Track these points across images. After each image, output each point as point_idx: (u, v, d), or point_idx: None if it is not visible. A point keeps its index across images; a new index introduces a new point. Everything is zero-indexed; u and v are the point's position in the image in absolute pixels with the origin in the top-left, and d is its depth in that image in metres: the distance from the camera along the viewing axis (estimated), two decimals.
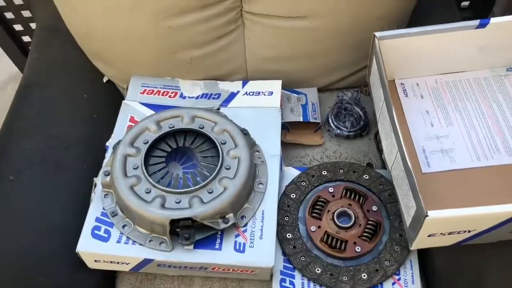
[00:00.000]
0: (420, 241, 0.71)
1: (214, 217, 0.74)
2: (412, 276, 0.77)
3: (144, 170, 0.77)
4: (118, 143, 0.82)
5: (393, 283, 0.76)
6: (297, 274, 0.78)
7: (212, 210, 0.74)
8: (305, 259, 0.78)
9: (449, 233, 0.68)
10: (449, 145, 0.84)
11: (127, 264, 0.76)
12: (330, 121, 0.96)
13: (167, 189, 0.75)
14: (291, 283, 0.77)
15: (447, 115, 0.87)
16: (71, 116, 0.93)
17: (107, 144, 0.87)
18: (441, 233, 0.68)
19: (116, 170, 0.78)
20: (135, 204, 0.74)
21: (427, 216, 0.64)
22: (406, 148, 0.71)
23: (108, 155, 0.84)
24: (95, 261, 0.76)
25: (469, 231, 0.68)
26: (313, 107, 0.96)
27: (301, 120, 0.93)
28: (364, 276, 0.76)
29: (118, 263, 0.76)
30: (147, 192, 0.76)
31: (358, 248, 0.78)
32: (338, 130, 0.95)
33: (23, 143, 0.87)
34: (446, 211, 0.64)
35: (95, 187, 0.81)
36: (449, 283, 0.78)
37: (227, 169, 0.79)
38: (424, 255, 0.81)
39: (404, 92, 0.91)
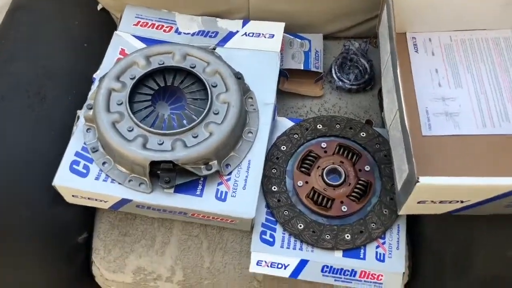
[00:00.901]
0: (409, 207, 0.67)
1: (196, 162, 0.71)
2: (398, 241, 0.74)
3: (128, 107, 0.73)
4: (104, 76, 0.77)
5: (377, 247, 0.74)
6: (278, 228, 0.75)
7: (195, 155, 0.70)
8: (288, 214, 0.75)
9: (440, 202, 0.65)
10: (455, 108, 0.78)
11: (105, 202, 0.74)
12: (333, 71, 0.90)
13: (150, 129, 0.72)
14: (272, 236, 0.75)
15: (457, 76, 0.81)
16: (60, 43, 0.88)
17: (94, 76, 0.83)
18: (432, 201, 0.65)
19: (99, 104, 0.74)
20: (116, 141, 0.71)
21: (418, 182, 0.60)
22: (407, 107, 0.66)
23: (94, 87, 0.80)
24: (73, 196, 0.74)
25: (461, 202, 0.64)
26: (316, 55, 0.90)
27: (302, 68, 0.88)
28: (348, 236, 0.73)
29: (96, 200, 0.74)
30: (129, 130, 0.72)
31: (344, 208, 0.74)
32: (340, 83, 0.89)
33: (8, 67, 0.84)
34: (438, 179, 0.60)
35: (77, 120, 0.78)
36: (436, 252, 0.76)
37: (215, 114, 0.74)
38: (412, 221, 0.78)
39: (414, 47, 0.84)
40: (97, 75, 0.82)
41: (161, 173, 0.71)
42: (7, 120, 0.77)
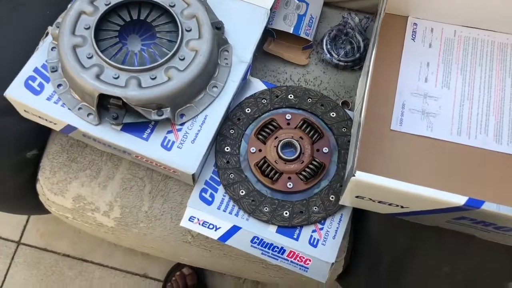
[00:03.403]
0: (348, 199, 0.64)
1: (148, 105, 0.68)
2: (336, 231, 0.71)
3: (93, 34, 0.70)
4: None
5: (313, 231, 0.71)
6: (220, 189, 0.73)
7: (147, 97, 0.68)
8: (233, 177, 0.73)
9: (379, 202, 0.61)
10: (433, 108, 0.73)
11: (55, 124, 0.73)
12: (324, 43, 0.84)
13: (108, 60, 0.69)
14: (212, 195, 0.73)
15: (448, 75, 0.75)
16: None
17: None
18: (370, 199, 0.61)
19: (65, 24, 0.71)
20: (72, 66, 0.69)
21: (353, 176, 0.56)
22: (382, 97, 0.62)
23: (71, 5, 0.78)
24: (25, 111, 0.73)
25: (402, 207, 0.61)
26: (311, 21, 0.84)
27: (291, 32, 0.82)
28: (286, 213, 0.71)
29: (46, 120, 0.73)
30: (88, 57, 0.70)
31: (290, 184, 0.72)
32: (328, 56, 0.84)
33: None
34: (373, 177, 0.56)
35: (45, 36, 0.76)
36: (377, 251, 0.73)
37: (180, 59, 0.71)
38: (360, 215, 0.74)
39: (412, 35, 0.78)
40: None
41: (111, 108, 0.69)
42: None
